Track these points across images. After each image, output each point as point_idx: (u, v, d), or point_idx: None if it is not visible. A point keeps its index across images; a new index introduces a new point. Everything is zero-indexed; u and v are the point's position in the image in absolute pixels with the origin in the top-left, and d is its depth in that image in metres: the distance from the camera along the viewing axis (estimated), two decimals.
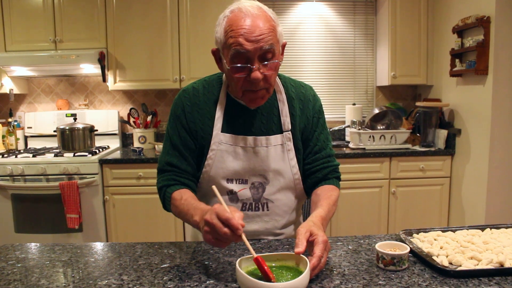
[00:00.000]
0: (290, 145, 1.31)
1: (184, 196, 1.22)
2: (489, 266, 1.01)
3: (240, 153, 1.28)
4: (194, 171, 1.32)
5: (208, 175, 1.30)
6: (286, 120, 1.31)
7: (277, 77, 1.32)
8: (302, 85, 1.39)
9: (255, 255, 0.94)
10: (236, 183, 1.29)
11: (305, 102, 1.35)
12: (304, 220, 1.55)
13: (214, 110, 1.29)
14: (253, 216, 1.32)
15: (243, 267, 0.96)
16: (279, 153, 1.30)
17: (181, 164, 1.29)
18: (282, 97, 1.32)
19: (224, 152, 1.28)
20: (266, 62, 1.15)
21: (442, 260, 1.04)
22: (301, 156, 1.35)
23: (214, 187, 1.05)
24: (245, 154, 1.29)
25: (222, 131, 1.28)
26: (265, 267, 0.92)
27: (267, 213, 1.32)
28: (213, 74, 1.37)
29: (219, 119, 1.28)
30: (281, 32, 1.22)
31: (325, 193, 1.28)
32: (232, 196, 1.30)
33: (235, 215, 0.95)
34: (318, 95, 1.42)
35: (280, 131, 1.31)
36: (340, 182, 1.40)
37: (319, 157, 1.35)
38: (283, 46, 1.25)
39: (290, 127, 1.31)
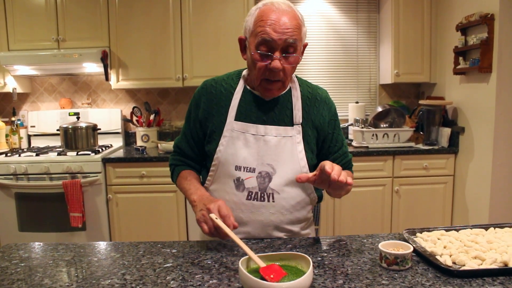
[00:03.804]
0: (300, 138, 1.36)
1: (189, 176, 1.41)
2: (493, 266, 1.00)
3: (251, 140, 1.34)
4: (198, 157, 1.46)
5: (219, 161, 1.35)
6: (297, 114, 1.37)
7: (294, 76, 1.42)
8: (318, 88, 1.47)
9: (261, 265, 0.96)
10: (244, 171, 1.33)
11: (321, 102, 1.42)
12: (316, 222, 1.57)
13: (230, 99, 1.37)
14: (258, 206, 1.33)
15: (246, 267, 0.96)
16: (288, 145, 1.34)
17: (186, 150, 1.46)
18: (296, 93, 1.39)
19: (235, 139, 1.34)
20: (287, 55, 1.24)
21: (445, 259, 1.03)
22: (312, 152, 1.39)
23: (212, 215, 1.17)
24: (255, 142, 1.33)
25: (235, 119, 1.35)
26: (270, 276, 0.93)
27: (273, 204, 1.33)
28: (235, 70, 1.46)
29: (234, 108, 1.36)
30: (305, 32, 1.31)
31: None
32: (238, 183, 1.33)
33: (231, 218, 1.16)
34: None
35: (291, 123, 1.36)
36: None
37: (337, 156, 1.44)
38: (304, 46, 1.33)
39: (301, 121, 1.37)
